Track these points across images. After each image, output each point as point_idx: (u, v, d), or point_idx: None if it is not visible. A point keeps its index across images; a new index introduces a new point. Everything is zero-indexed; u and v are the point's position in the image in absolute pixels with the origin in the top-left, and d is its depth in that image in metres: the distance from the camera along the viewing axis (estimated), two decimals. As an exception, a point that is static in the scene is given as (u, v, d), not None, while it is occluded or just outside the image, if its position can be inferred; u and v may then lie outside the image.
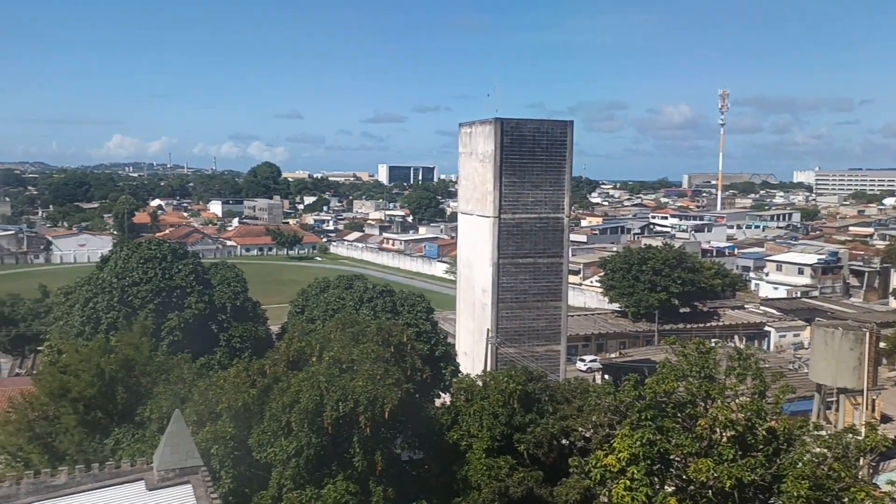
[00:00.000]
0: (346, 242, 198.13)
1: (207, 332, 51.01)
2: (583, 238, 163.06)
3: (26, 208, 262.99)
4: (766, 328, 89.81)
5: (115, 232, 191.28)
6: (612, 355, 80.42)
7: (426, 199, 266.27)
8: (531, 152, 51.13)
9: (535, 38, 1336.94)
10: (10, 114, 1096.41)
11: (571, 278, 78.84)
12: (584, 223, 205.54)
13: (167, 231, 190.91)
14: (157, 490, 21.21)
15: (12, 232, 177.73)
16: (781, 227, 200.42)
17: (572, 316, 77.87)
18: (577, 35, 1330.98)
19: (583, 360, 77.88)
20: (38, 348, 70.11)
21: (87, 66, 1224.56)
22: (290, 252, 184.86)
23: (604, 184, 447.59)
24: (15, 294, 76.95)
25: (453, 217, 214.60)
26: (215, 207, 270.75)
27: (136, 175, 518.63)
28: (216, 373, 37.04)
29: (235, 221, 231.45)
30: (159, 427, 28.80)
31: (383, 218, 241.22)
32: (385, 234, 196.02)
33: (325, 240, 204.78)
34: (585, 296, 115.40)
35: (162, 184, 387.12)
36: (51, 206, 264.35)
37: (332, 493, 27.10)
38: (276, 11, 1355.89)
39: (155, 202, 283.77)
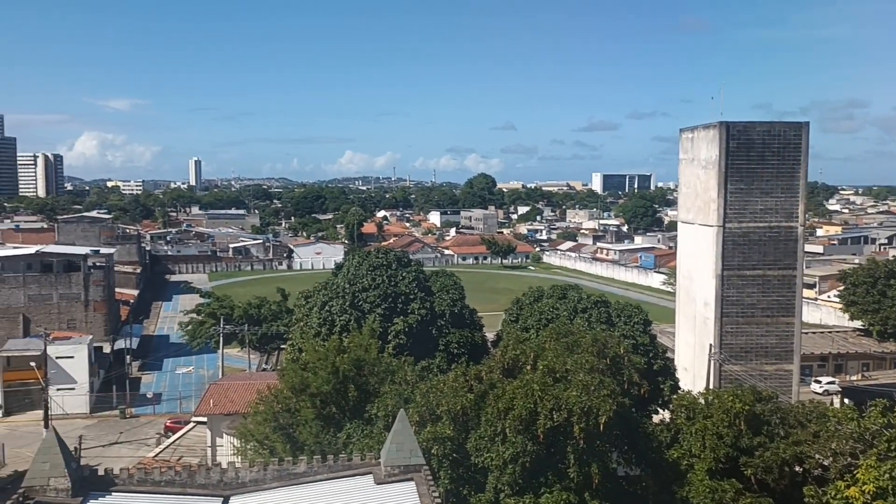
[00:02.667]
0: (559, 252, 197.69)
1: (428, 336, 53.28)
2: (819, 249, 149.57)
3: (272, 219, 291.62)
4: None
5: (346, 241, 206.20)
6: (854, 378, 72.98)
7: (642, 207, 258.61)
8: (760, 157, 47.91)
9: (760, 35, 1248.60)
10: (260, 135, 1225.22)
11: (806, 292, 72.60)
12: (820, 232, 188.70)
13: (391, 240, 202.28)
14: (384, 485, 22.42)
15: (260, 241, 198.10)
16: None
17: (806, 333, 71.81)
18: (809, 29, 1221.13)
19: (818, 382, 71.48)
20: (282, 346, 77.37)
21: (323, 88, 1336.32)
22: (503, 261, 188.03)
23: (843, 189, 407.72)
24: (262, 297, 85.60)
25: (672, 226, 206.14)
26: (434, 218, 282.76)
27: (364, 188, 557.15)
28: (436, 376, 38.53)
29: (453, 231, 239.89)
30: (385, 425, 30.48)
31: (597, 227, 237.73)
32: (599, 244, 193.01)
33: (538, 249, 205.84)
34: (822, 312, 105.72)
35: (387, 196, 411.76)
36: (292, 218, 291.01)
37: (550, 502, 27.07)
38: (488, 25, 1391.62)
39: (380, 213, 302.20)
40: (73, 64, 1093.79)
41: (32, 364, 62.96)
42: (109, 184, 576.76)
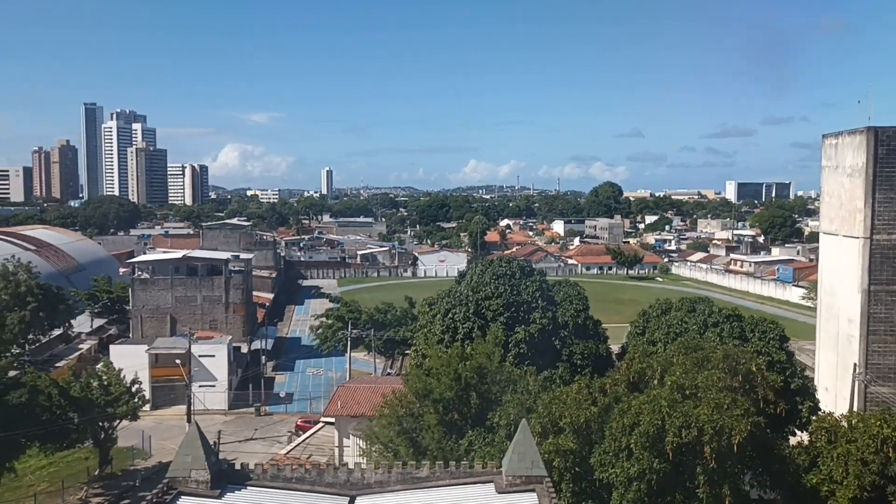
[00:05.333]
0: (688, 263, 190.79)
1: (550, 346, 52.78)
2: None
3: (398, 227, 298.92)
4: None
5: (469, 249, 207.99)
6: None
7: (780, 217, 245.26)
8: (913, 164, 44.35)
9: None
10: (387, 145, 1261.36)
11: (966, 310, 66.14)
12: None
13: (514, 249, 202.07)
14: (505, 494, 22.35)
15: (387, 248, 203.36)
16: None
17: (967, 355, 65.52)
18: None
19: (981, 409, 65.16)
20: (406, 352, 78.93)
21: (447, 98, 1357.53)
22: (629, 271, 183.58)
23: None
24: (388, 303, 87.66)
25: (812, 237, 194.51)
26: (558, 227, 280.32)
27: (487, 197, 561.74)
28: (558, 387, 38.09)
29: (576, 240, 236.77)
30: (507, 434, 30.45)
31: (730, 238, 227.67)
32: (732, 255, 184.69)
33: (666, 260, 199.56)
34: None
35: (510, 205, 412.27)
36: (417, 226, 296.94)
37: (676, 523, 26.16)
38: (613, 32, 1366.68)
39: (504, 222, 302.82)
40: (218, 81, 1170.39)
41: (178, 361, 67.41)
42: (249, 192, 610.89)
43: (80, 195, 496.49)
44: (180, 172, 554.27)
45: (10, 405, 41.63)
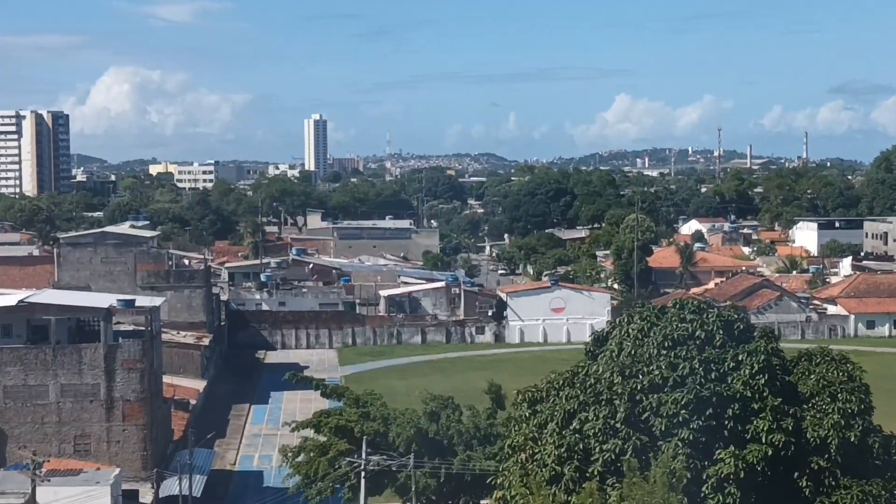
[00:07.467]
0: None
1: (790, 489, 52.47)
2: None
3: (463, 238, 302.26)
4: None
5: (616, 284, 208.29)
6: None
7: None
8: None
9: None
10: (435, 66, 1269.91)
11: None
12: None
13: (712, 283, 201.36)
14: None
15: (440, 284, 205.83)
16: None
17: None
18: None
19: None
20: (483, 501, 79.26)
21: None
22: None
23: None
24: (444, 397, 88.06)
25: None
26: (807, 235, 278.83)
27: (653, 174, 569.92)
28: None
29: (845, 264, 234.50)
30: None
31: None
32: None
33: None
34: None
35: (702, 189, 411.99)
36: (506, 235, 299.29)
37: None
38: None
39: (688, 225, 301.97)
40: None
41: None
42: (153, 169, 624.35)
43: None
44: (13, 130, 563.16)
45: None
